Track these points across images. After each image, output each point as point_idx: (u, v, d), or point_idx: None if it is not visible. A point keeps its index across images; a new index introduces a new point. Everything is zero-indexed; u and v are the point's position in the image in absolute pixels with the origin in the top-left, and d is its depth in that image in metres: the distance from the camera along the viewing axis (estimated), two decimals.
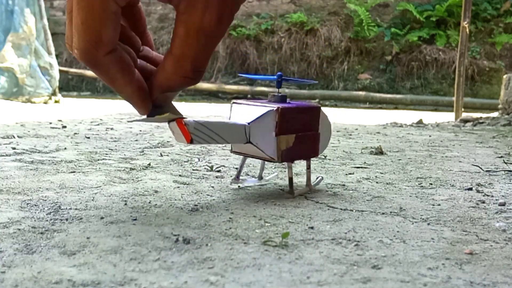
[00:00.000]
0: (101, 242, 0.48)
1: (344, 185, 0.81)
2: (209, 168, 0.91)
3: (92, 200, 0.66)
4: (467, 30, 2.96)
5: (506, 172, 0.97)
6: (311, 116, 0.72)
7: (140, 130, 1.69)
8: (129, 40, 0.51)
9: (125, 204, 0.64)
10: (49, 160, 0.94)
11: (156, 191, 0.72)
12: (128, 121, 0.69)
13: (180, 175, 0.84)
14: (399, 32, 5.71)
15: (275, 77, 0.71)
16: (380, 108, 4.73)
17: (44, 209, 0.61)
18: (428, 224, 0.58)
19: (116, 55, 0.46)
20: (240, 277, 0.40)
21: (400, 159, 1.11)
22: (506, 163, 1.09)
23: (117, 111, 2.71)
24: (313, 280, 0.40)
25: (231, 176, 0.85)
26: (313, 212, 0.62)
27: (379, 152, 1.18)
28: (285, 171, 0.92)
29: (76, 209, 0.61)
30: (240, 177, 0.78)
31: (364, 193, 0.75)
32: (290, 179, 0.71)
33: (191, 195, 0.70)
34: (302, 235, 0.53)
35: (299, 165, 0.97)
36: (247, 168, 0.94)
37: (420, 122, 2.52)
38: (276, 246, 0.49)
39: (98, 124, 1.85)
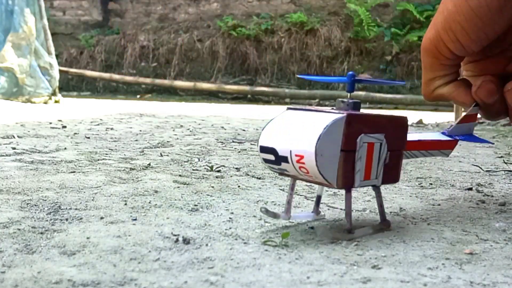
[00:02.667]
0: (101, 242, 0.48)
1: None
2: (209, 168, 0.91)
3: (92, 200, 0.66)
4: None
5: (506, 172, 0.97)
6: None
7: (140, 130, 1.69)
8: None
9: (125, 204, 0.64)
10: (49, 160, 0.94)
11: (156, 191, 0.72)
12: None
13: (180, 175, 0.84)
14: (399, 32, 5.70)
15: (345, 78, 0.56)
16: (380, 108, 4.72)
17: (44, 209, 0.61)
18: (428, 224, 0.58)
19: None
20: (240, 277, 0.40)
21: None
22: (506, 163, 1.09)
23: (117, 111, 2.71)
24: (313, 280, 0.40)
25: (231, 176, 0.85)
26: None
27: None
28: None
29: (76, 209, 0.61)
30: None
31: (364, 193, 0.75)
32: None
33: (191, 195, 0.70)
34: (302, 235, 0.53)
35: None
36: (246, 168, 0.94)
37: (420, 122, 2.52)
38: (276, 246, 0.49)
39: (98, 124, 1.85)
